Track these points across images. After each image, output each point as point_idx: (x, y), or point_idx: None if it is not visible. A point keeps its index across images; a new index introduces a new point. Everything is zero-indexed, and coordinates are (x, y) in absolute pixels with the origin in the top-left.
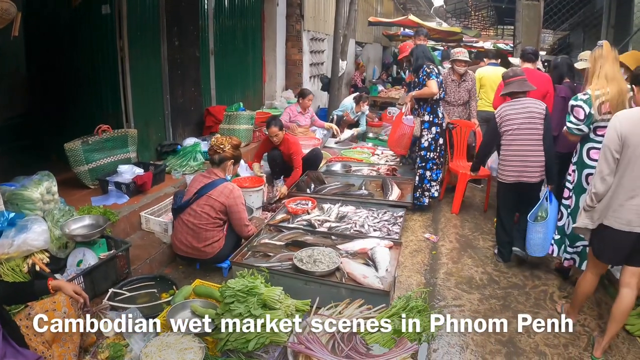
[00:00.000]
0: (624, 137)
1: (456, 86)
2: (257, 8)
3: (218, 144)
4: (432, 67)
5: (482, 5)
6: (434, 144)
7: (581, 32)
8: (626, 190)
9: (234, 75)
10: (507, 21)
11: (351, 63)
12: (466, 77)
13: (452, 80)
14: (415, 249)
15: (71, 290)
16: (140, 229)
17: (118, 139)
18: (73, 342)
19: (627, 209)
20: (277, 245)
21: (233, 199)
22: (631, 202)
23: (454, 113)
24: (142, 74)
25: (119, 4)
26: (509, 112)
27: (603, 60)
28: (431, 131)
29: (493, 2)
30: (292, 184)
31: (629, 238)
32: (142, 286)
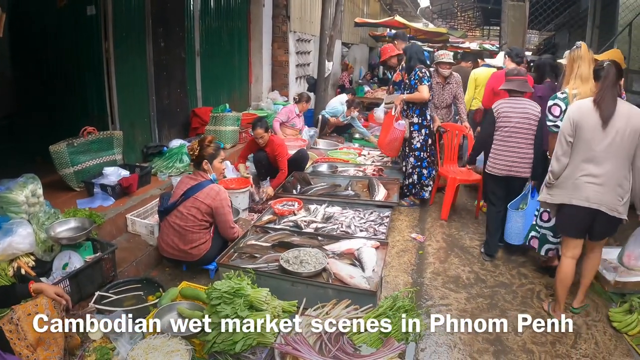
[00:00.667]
0: (575, 123)
1: (440, 89)
2: (243, 9)
3: (190, 149)
4: (424, 70)
5: (468, 6)
6: (425, 145)
7: (566, 33)
8: (577, 169)
9: (220, 77)
10: (493, 22)
11: (337, 64)
12: (450, 80)
13: (436, 82)
14: (402, 249)
15: (53, 292)
16: (126, 231)
17: (103, 140)
18: (57, 344)
19: (583, 187)
20: (264, 247)
21: (219, 200)
22: (585, 180)
23: (438, 115)
24: (127, 76)
25: (104, 5)
26: (507, 109)
27: (580, 61)
28: (421, 133)
29: (479, 3)
30: (278, 185)
31: (587, 213)
32: (128, 289)
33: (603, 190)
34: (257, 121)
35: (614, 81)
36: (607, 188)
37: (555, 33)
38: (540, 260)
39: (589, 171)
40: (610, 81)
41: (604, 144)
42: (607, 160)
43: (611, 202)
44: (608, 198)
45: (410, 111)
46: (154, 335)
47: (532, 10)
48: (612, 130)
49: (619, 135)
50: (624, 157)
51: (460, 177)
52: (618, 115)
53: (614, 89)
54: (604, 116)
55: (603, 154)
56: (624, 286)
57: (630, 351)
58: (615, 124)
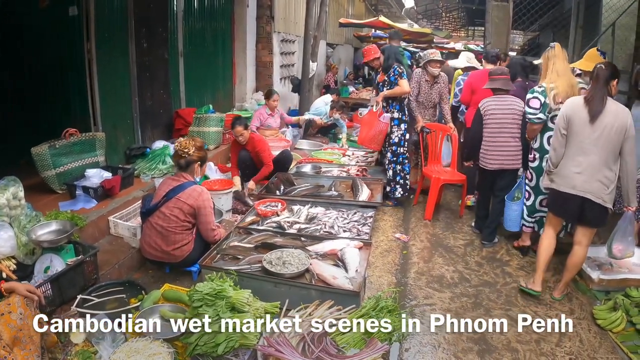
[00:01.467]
0: (568, 117)
1: (429, 88)
2: (227, 10)
3: (182, 148)
4: (402, 67)
5: (453, 7)
6: (403, 140)
7: (550, 33)
8: (570, 160)
9: (203, 77)
10: (477, 22)
11: (322, 64)
12: (438, 79)
13: (425, 81)
14: (386, 249)
15: (24, 289)
16: (109, 233)
17: (86, 142)
18: (34, 343)
19: (571, 175)
20: (247, 248)
21: (202, 201)
22: (574, 170)
23: (425, 115)
24: (110, 77)
25: (86, 6)
26: (493, 107)
27: (555, 58)
28: (400, 128)
29: (464, 3)
30: (260, 178)
31: (574, 200)
32: (110, 292)
33: (587, 178)
34: (235, 120)
35: (605, 82)
36: (591, 177)
37: (539, 33)
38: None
39: (576, 161)
40: (601, 82)
41: (592, 138)
42: (593, 152)
43: (596, 191)
44: (593, 186)
45: (390, 107)
46: (135, 339)
47: (515, 11)
48: (601, 126)
49: (606, 130)
50: (609, 150)
51: (445, 177)
52: (607, 112)
53: (604, 89)
54: (592, 113)
55: (591, 147)
56: (608, 284)
57: (614, 348)
58: (604, 120)
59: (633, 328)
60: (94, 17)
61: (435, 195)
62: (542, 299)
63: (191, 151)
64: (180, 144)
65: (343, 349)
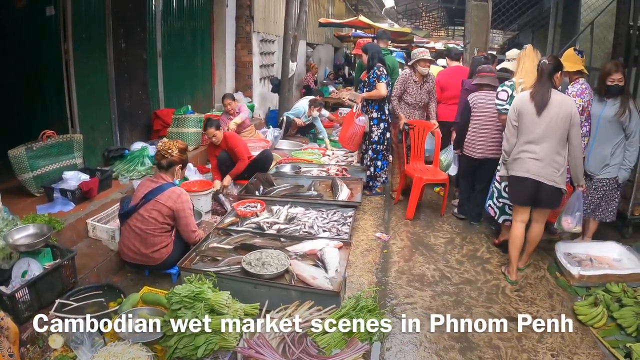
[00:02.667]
0: (518, 110)
1: (418, 87)
2: (206, 9)
3: (165, 149)
4: (382, 69)
5: (433, 7)
6: (382, 138)
7: (530, 32)
8: (523, 148)
9: (182, 78)
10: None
11: (302, 64)
12: (427, 78)
13: (414, 81)
14: (367, 248)
15: None
16: (87, 236)
17: (63, 144)
18: None
19: (525, 160)
20: (226, 249)
21: (181, 203)
22: (527, 156)
23: (414, 115)
24: (88, 77)
25: (63, 5)
26: (482, 100)
27: (525, 58)
28: (379, 127)
29: (443, 3)
30: (236, 173)
31: (529, 183)
32: (89, 296)
33: (541, 164)
34: (207, 121)
35: (548, 76)
36: (544, 163)
37: (518, 33)
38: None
39: (530, 149)
40: (544, 77)
41: (541, 128)
42: (544, 140)
43: (548, 174)
44: (546, 171)
45: (369, 107)
46: (114, 343)
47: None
48: (547, 117)
49: (553, 120)
50: (557, 138)
51: (427, 176)
52: (552, 104)
53: (547, 83)
54: (538, 106)
55: (540, 136)
56: (588, 280)
57: (596, 344)
58: (550, 111)
59: (614, 323)
60: (71, 17)
61: (417, 195)
62: (524, 297)
63: (174, 152)
64: (164, 144)
65: (324, 349)
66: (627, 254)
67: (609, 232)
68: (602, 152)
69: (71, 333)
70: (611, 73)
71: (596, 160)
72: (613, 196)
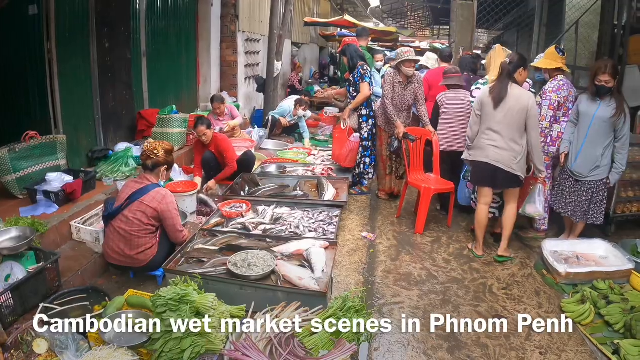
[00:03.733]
0: (480, 102)
1: (402, 89)
2: (191, 9)
3: (151, 149)
4: (365, 67)
5: (418, 6)
6: (371, 134)
7: (515, 31)
8: (484, 135)
9: (167, 78)
10: (442, 21)
11: (287, 64)
12: (412, 79)
13: (398, 82)
14: (353, 248)
15: None
16: (71, 239)
17: (46, 145)
18: None
19: (486, 147)
20: (211, 250)
21: (166, 204)
22: (487, 143)
23: (400, 118)
24: (71, 78)
25: (46, 5)
26: (449, 99)
27: (496, 57)
28: (368, 123)
29: (429, 2)
30: (222, 178)
31: (488, 168)
32: (74, 299)
33: (500, 151)
34: (198, 119)
35: (507, 75)
36: (502, 150)
37: (503, 32)
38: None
39: (490, 137)
40: (504, 75)
41: (499, 118)
42: (502, 130)
43: (506, 161)
44: (503, 157)
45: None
46: (99, 347)
47: (480, 9)
48: (505, 108)
49: (510, 112)
50: (515, 128)
51: (435, 187)
52: (510, 97)
53: (506, 80)
54: (495, 100)
55: (499, 125)
56: (575, 277)
57: (584, 341)
58: (508, 103)
59: (601, 320)
60: (54, 16)
61: (427, 207)
62: (511, 295)
63: (160, 153)
64: (150, 145)
65: (311, 350)
66: (613, 251)
67: (593, 231)
68: (594, 153)
69: (56, 338)
70: (599, 73)
71: (586, 162)
72: (602, 198)
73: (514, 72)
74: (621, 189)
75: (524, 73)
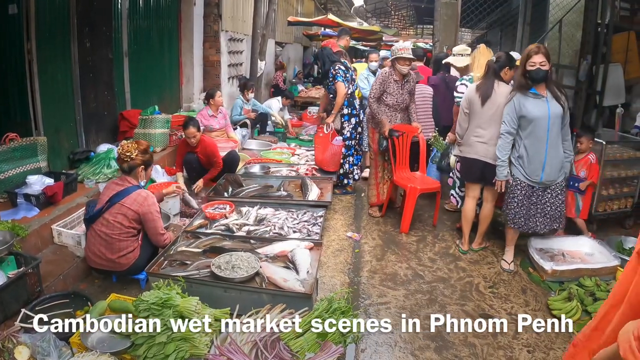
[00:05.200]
0: (469, 99)
1: (399, 88)
2: (174, 8)
3: (125, 152)
4: (337, 67)
5: (402, 5)
6: (354, 133)
7: (498, 30)
8: (473, 132)
9: (149, 78)
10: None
11: (271, 63)
12: (409, 78)
13: (394, 80)
14: (338, 248)
15: None
16: (53, 243)
17: (27, 147)
18: None
19: (474, 144)
20: (195, 253)
21: (147, 206)
22: (476, 140)
23: (397, 119)
24: (51, 78)
25: (26, 4)
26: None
27: (480, 55)
28: (351, 122)
29: (412, 1)
30: (210, 178)
31: (478, 164)
32: (55, 305)
33: (488, 147)
34: (188, 120)
35: (493, 73)
36: (490, 145)
37: (487, 31)
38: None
39: (478, 134)
40: (489, 73)
41: (487, 115)
42: (490, 126)
43: (494, 156)
44: (491, 153)
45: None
46: (82, 354)
47: (464, 8)
48: (493, 106)
49: (499, 109)
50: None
51: (421, 186)
52: (497, 94)
53: (492, 78)
54: (482, 97)
55: (487, 122)
56: (561, 274)
57: (571, 338)
58: (496, 101)
59: (588, 317)
60: (34, 15)
61: (412, 206)
62: (497, 293)
63: (134, 155)
64: (123, 148)
65: (297, 353)
66: (599, 248)
67: (575, 229)
68: (558, 154)
69: (38, 345)
70: (531, 55)
71: (554, 166)
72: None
73: (500, 71)
74: (602, 187)
75: (509, 72)
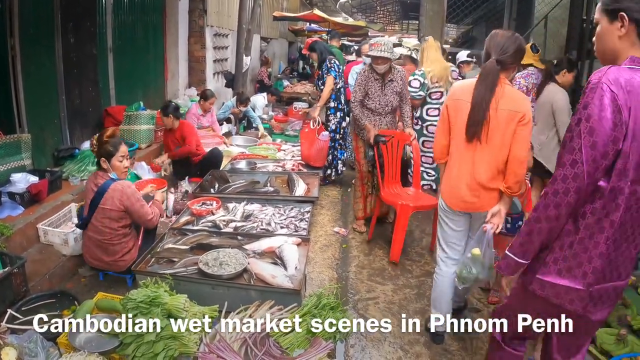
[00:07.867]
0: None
1: (379, 89)
2: (159, 3)
3: (90, 146)
4: (332, 61)
5: (388, 1)
6: (339, 127)
7: (484, 26)
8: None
9: (134, 74)
10: (411, 15)
11: (256, 58)
12: (394, 77)
13: (375, 79)
14: (325, 243)
15: None
16: (38, 241)
17: (10, 145)
18: None
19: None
20: (182, 250)
21: (127, 199)
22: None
23: (381, 124)
24: (35, 75)
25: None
26: None
27: (429, 49)
28: (336, 116)
29: None
30: (178, 155)
31: None
32: (42, 305)
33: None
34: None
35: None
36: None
37: (473, 26)
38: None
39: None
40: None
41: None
42: None
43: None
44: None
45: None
46: (70, 354)
47: (450, 4)
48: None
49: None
50: None
51: (415, 203)
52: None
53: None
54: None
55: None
56: None
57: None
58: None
59: None
60: (17, 11)
61: (404, 228)
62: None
63: (95, 148)
64: (91, 140)
65: (287, 349)
66: None
67: None
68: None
69: (25, 345)
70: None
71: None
72: None
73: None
74: None
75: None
